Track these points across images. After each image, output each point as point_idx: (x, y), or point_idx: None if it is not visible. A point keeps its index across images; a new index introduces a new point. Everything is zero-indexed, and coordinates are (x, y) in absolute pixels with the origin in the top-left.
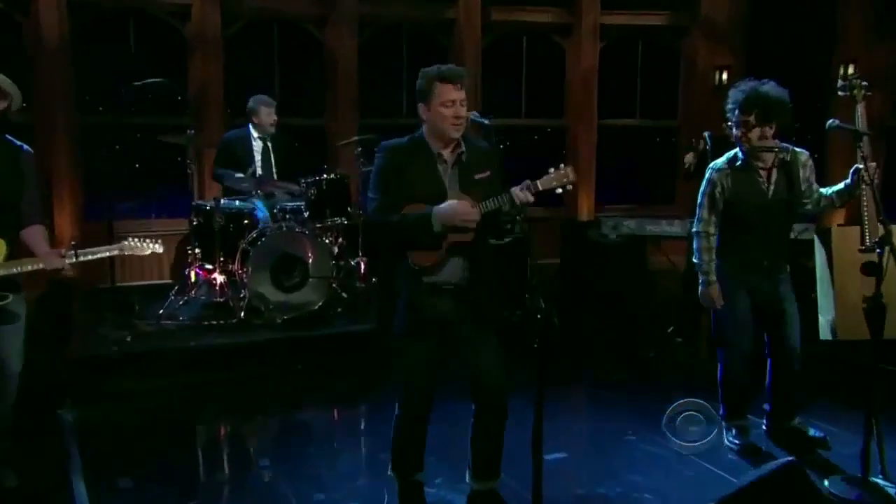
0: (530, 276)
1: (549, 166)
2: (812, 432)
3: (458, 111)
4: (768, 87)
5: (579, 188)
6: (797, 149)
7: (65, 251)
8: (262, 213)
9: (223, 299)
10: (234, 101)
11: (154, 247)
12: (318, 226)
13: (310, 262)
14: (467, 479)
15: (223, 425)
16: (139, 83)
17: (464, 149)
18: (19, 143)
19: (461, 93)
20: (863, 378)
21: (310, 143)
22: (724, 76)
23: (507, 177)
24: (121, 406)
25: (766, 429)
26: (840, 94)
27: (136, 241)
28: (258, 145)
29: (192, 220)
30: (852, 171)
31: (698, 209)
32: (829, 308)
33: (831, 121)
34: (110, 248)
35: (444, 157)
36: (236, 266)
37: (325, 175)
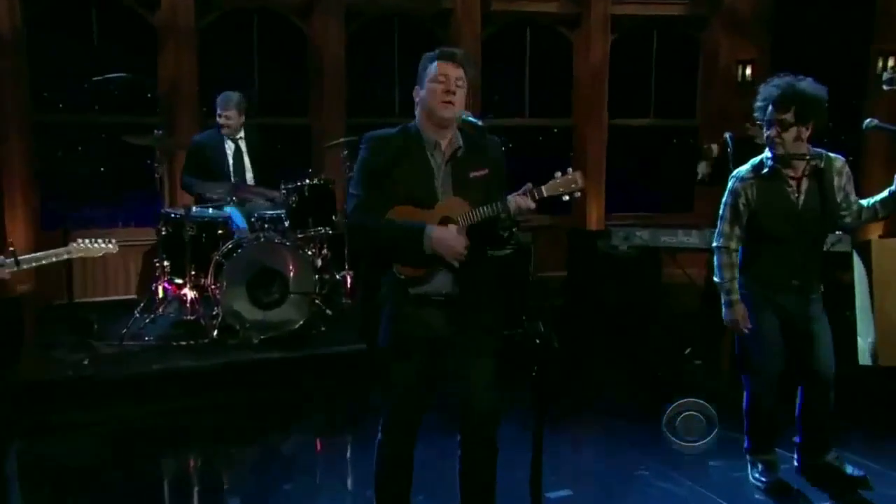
0: (528, 294)
1: (554, 169)
2: (850, 469)
3: (449, 86)
4: (805, 83)
5: (588, 194)
6: (831, 154)
7: (2, 258)
8: (237, 223)
9: (194, 317)
10: (209, 99)
11: (107, 246)
12: (299, 236)
13: (290, 276)
14: None
15: (192, 459)
16: (101, 78)
17: (461, 143)
18: None
19: (458, 71)
20: None
21: (293, 144)
22: (748, 71)
23: (509, 182)
24: (76, 439)
25: (797, 464)
26: (886, 89)
27: (86, 241)
28: (230, 147)
29: (161, 230)
30: None
31: (720, 222)
32: (868, 329)
33: (869, 120)
34: (57, 251)
35: (441, 148)
36: (209, 280)
37: (307, 180)
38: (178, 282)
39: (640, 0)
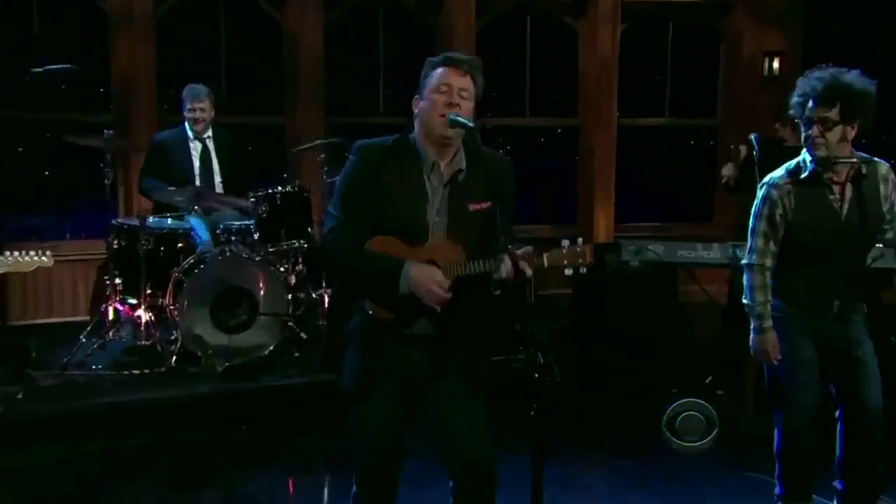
0: (527, 317)
1: (557, 174)
2: None
3: (452, 97)
4: (851, 76)
5: (595, 203)
6: (875, 158)
7: None
8: (200, 234)
9: (149, 342)
10: (170, 95)
11: (40, 259)
12: (270, 250)
13: (260, 295)
14: None
15: None
16: (42, 70)
17: (463, 165)
18: None
19: (464, 80)
20: None
21: (264, 146)
22: (775, 64)
23: None
24: (8, 486)
25: None
26: None
27: (15, 254)
28: (196, 148)
29: (112, 243)
30: None
31: (752, 236)
32: None
33: None
34: None
35: (440, 170)
36: (167, 300)
37: (280, 187)
38: (132, 302)
39: None
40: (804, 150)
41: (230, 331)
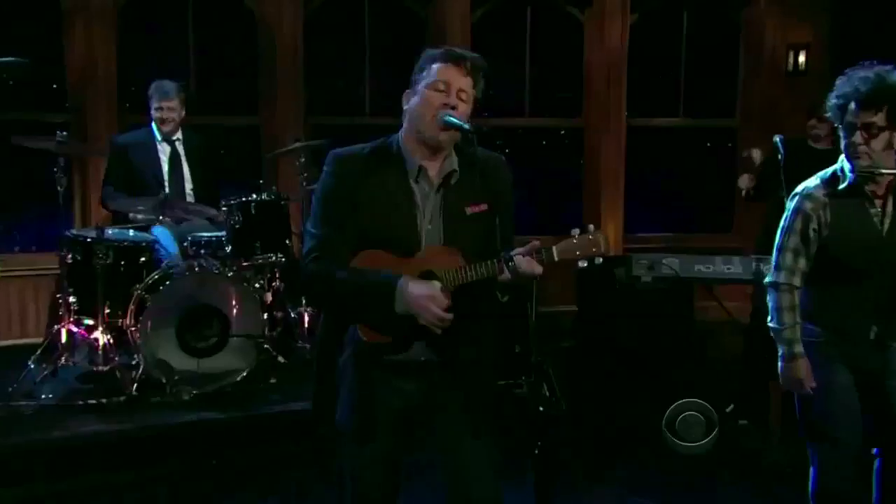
0: (531, 346)
1: (560, 180)
2: None
3: (449, 97)
4: None
5: (602, 212)
6: None
7: None
8: (166, 247)
9: (107, 368)
10: (132, 92)
11: None
12: (244, 265)
13: (232, 314)
14: None
15: None
16: None
17: (455, 166)
18: None
19: (466, 80)
20: None
21: (237, 149)
22: (801, 59)
23: None
24: None
25: None
26: None
27: None
28: (164, 150)
29: (66, 257)
30: None
31: (778, 252)
32: None
33: None
34: None
35: (427, 174)
36: (128, 321)
37: (255, 195)
38: (88, 323)
39: None
40: (842, 156)
41: (199, 355)
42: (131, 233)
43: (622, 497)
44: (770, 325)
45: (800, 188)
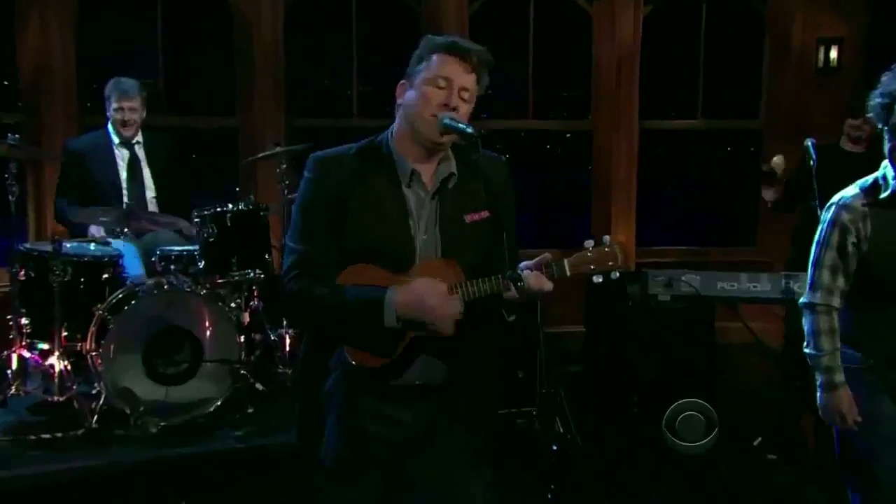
0: (543, 376)
1: (567, 187)
2: None
3: (450, 97)
4: None
5: (613, 222)
6: None
7: None
8: (130, 263)
9: (64, 398)
10: (95, 91)
11: None
12: (219, 282)
13: (205, 337)
14: None
15: None
16: None
17: (454, 170)
18: None
19: (469, 77)
20: None
21: (211, 153)
22: (833, 54)
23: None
24: None
25: None
26: None
27: None
28: (122, 155)
29: (18, 273)
30: None
31: (814, 269)
32: None
33: None
34: None
35: (421, 178)
36: (88, 345)
37: (231, 204)
38: (43, 347)
39: None
40: (884, 162)
41: (167, 382)
42: (92, 247)
43: None
44: (806, 350)
45: (836, 198)
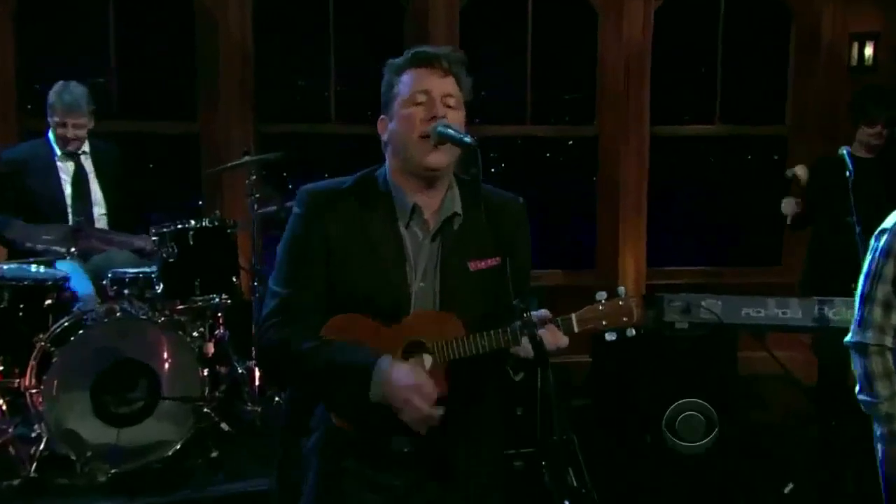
0: (555, 424)
1: (570, 200)
2: None
3: (434, 109)
4: None
5: (621, 239)
6: None
7: None
8: (78, 287)
9: None
10: (38, 92)
11: None
12: (179, 308)
13: (163, 371)
14: None
15: None
16: None
17: (458, 209)
18: None
19: (447, 81)
20: None
21: (171, 163)
22: (867, 51)
23: None
24: None
25: None
26: None
27: None
28: (66, 168)
29: None
30: None
31: (863, 305)
32: None
33: None
34: None
35: (423, 213)
36: (27, 381)
37: (193, 221)
38: None
39: None
40: None
41: (119, 423)
42: (33, 269)
43: None
44: (860, 397)
45: (889, 223)
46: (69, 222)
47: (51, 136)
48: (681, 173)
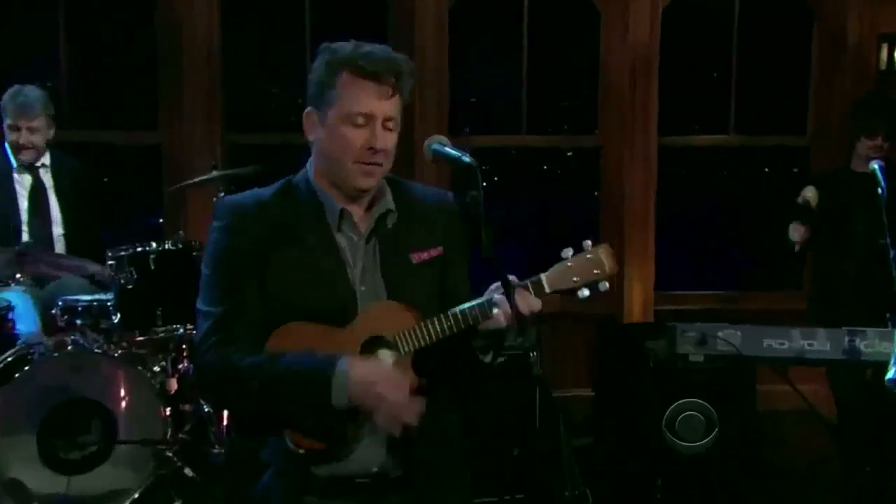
0: (571, 479)
1: (569, 215)
2: None
3: (373, 139)
4: None
5: (626, 260)
6: None
7: None
8: (23, 317)
9: None
10: None
11: None
12: (139, 339)
13: (120, 410)
14: None
15: None
16: None
17: (391, 205)
18: None
19: (391, 103)
20: None
21: (130, 178)
22: None
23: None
24: None
25: None
26: None
27: None
28: (23, 182)
29: None
30: None
31: None
32: None
33: None
34: None
35: (352, 217)
36: None
37: (154, 243)
38: None
39: None
40: None
41: (70, 470)
42: None
43: None
44: None
45: None
46: (21, 241)
47: (7, 148)
48: (692, 188)
